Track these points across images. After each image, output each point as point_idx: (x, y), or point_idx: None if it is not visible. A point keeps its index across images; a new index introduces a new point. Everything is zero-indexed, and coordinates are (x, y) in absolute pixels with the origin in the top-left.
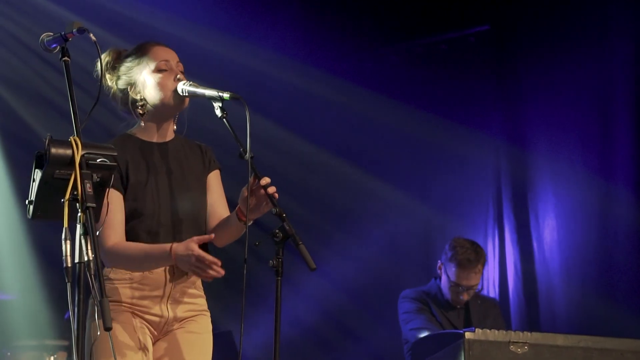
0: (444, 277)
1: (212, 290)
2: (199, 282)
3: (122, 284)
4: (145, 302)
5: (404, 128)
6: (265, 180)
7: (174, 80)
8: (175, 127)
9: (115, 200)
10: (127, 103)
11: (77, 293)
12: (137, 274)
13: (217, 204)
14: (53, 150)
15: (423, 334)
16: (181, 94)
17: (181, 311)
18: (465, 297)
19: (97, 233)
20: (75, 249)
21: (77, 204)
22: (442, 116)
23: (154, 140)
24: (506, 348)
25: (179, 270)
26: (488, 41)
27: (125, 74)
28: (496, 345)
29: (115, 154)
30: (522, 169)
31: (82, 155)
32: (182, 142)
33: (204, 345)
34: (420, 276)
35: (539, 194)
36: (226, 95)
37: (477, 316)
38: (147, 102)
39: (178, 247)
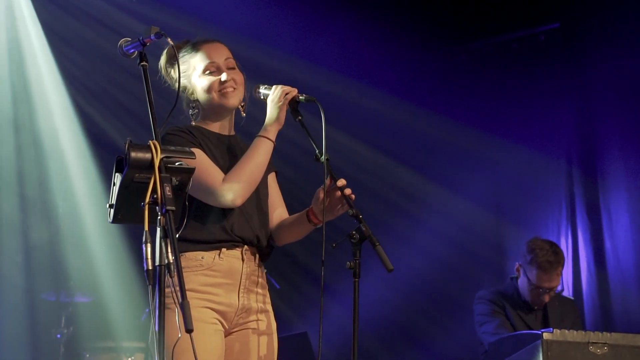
0: (522, 279)
1: (283, 292)
2: (264, 272)
3: (194, 271)
4: (217, 290)
5: (476, 126)
6: (342, 182)
7: (220, 82)
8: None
9: (201, 153)
10: (182, 102)
11: (157, 295)
12: (207, 260)
13: (277, 204)
14: (133, 154)
15: (493, 338)
16: (261, 97)
17: (251, 301)
18: (546, 298)
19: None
20: (155, 251)
21: (157, 207)
22: (513, 114)
23: (218, 132)
24: (585, 349)
25: (249, 257)
26: (558, 39)
27: (180, 77)
28: (575, 345)
29: (195, 157)
30: (595, 168)
31: (161, 159)
32: (241, 139)
33: (274, 346)
34: (492, 274)
35: (612, 193)
36: (302, 98)
37: (555, 318)
38: (200, 104)
39: (270, 125)
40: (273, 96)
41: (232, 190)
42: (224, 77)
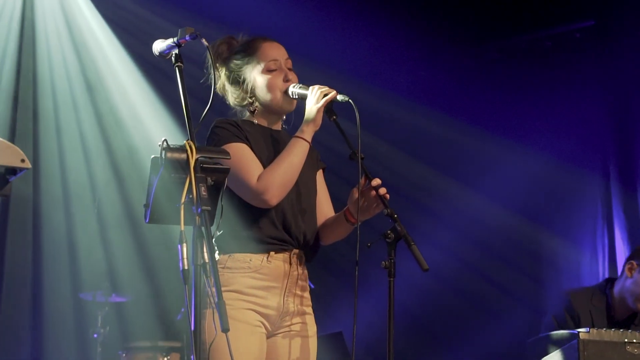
0: (637, 279)
1: (316, 292)
2: (307, 275)
3: (241, 273)
4: (263, 293)
5: (508, 127)
6: (377, 182)
7: (284, 80)
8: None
9: (245, 149)
10: (236, 99)
11: (194, 295)
12: (255, 263)
13: (323, 202)
14: (168, 154)
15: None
16: (291, 96)
17: (294, 304)
18: None
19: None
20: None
21: (193, 207)
22: (547, 112)
23: (267, 126)
24: (622, 348)
25: (295, 261)
26: (593, 37)
27: (234, 71)
28: (612, 345)
29: (229, 157)
30: (632, 168)
31: (197, 159)
32: (287, 134)
33: (314, 349)
34: (523, 277)
35: None
36: (337, 98)
37: None
38: (257, 100)
39: (307, 126)
40: (312, 97)
41: (265, 190)
42: (289, 76)
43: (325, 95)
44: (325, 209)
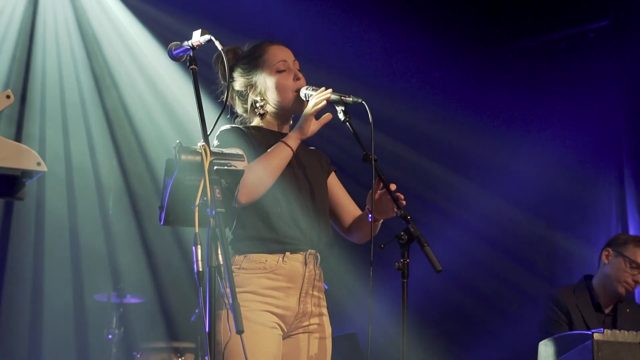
0: (613, 262)
1: (330, 293)
2: (322, 275)
3: (256, 273)
4: (279, 294)
5: (520, 124)
6: (392, 187)
7: (294, 80)
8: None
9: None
10: (245, 103)
11: (208, 297)
12: (271, 263)
13: (347, 202)
14: (182, 157)
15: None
16: (304, 98)
17: (310, 305)
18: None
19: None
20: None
21: (207, 210)
22: (561, 112)
23: (276, 130)
24: (637, 349)
25: (310, 261)
26: (607, 37)
27: (243, 76)
28: (626, 346)
29: (243, 159)
30: None
31: (211, 162)
32: None
33: (328, 350)
34: (535, 276)
35: None
36: (349, 99)
37: (624, 325)
38: (268, 103)
39: (294, 132)
40: (306, 106)
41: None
42: (298, 76)
43: (318, 104)
44: (351, 208)
